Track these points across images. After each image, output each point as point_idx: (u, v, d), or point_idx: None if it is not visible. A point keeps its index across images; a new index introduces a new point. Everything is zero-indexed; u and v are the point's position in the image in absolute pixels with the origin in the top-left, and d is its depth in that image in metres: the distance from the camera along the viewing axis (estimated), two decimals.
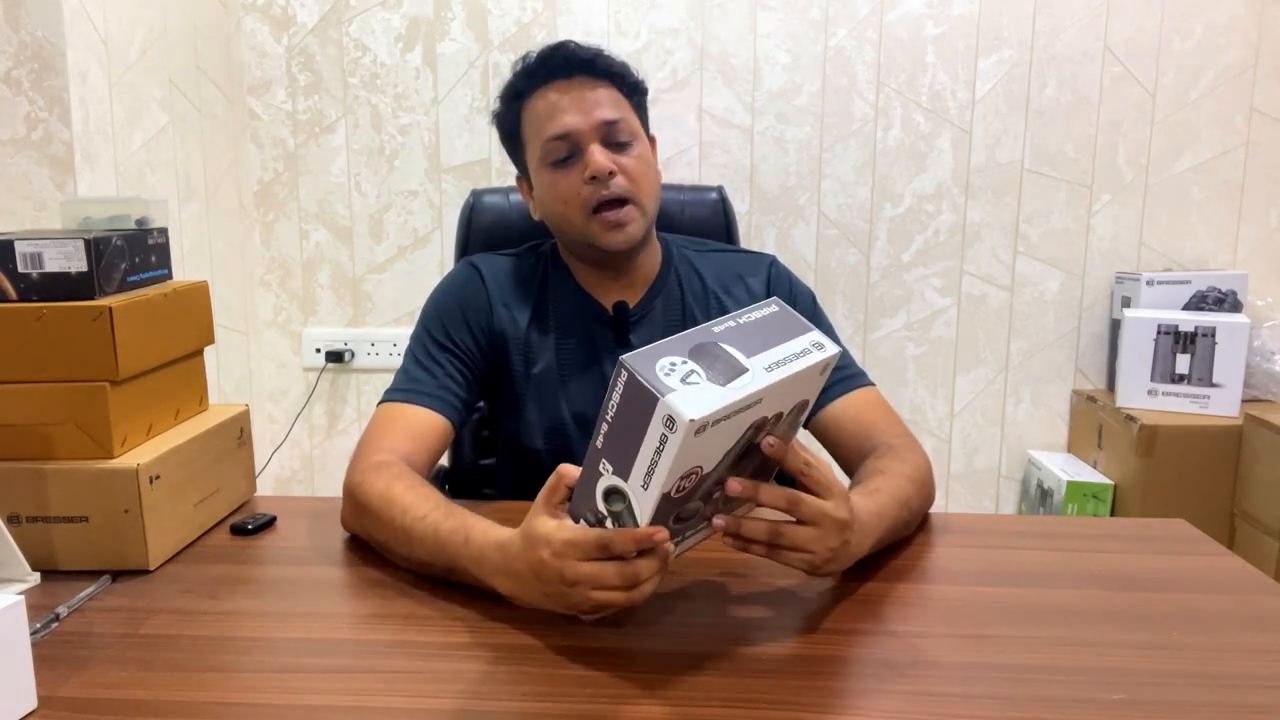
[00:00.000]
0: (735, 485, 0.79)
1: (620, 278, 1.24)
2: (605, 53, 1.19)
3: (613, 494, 0.77)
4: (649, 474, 0.74)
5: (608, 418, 0.75)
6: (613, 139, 1.16)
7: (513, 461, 1.27)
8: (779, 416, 0.81)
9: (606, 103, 1.17)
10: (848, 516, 0.85)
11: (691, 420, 0.70)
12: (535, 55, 1.19)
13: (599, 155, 1.14)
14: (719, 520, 0.81)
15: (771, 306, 0.84)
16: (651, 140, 1.24)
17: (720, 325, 0.80)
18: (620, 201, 1.15)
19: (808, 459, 0.84)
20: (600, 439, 0.76)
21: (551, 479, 0.83)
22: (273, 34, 2.27)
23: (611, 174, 1.14)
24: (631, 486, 0.75)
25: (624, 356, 0.73)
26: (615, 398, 0.74)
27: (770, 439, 0.81)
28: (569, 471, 0.82)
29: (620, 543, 0.77)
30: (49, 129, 1.67)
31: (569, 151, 1.16)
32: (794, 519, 0.83)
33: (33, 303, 0.96)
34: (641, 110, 1.23)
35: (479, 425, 1.50)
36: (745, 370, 0.76)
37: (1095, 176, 2.24)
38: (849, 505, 0.86)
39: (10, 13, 1.63)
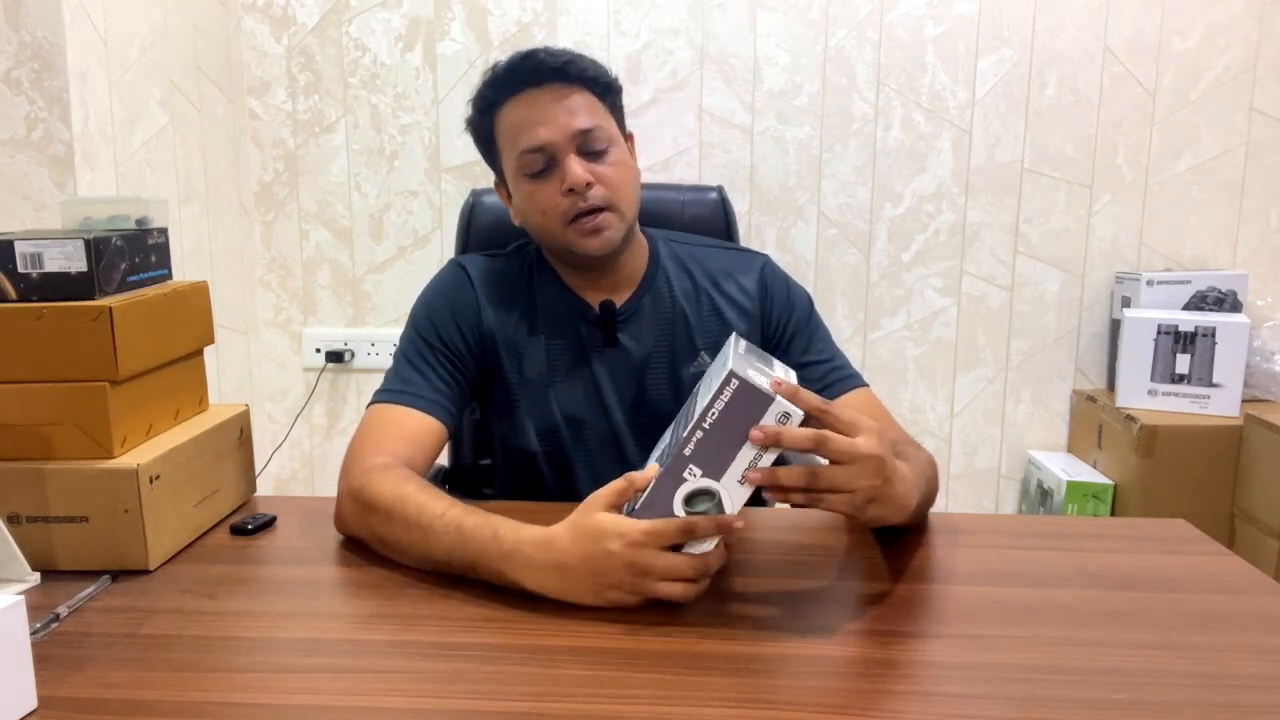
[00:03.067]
0: (755, 476, 0.82)
1: (605, 278, 1.24)
2: (577, 58, 1.17)
3: (698, 496, 0.84)
4: (750, 467, 0.82)
5: (705, 425, 0.81)
6: (588, 147, 1.15)
7: (509, 462, 1.27)
8: None
9: (580, 110, 1.15)
10: (881, 452, 0.84)
11: (804, 415, 0.81)
12: (504, 64, 1.17)
13: (576, 168, 1.13)
14: (754, 474, 0.82)
15: (739, 340, 0.93)
16: (629, 138, 1.23)
17: (740, 344, 0.91)
18: (597, 209, 1.15)
19: (823, 404, 0.84)
20: (690, 446, 0.82)
21: (619, 484, 0.87)
22: (273, 34, 2.27)
23: (589, 185, 1.14)
24: (726, 484, 0.82)
25: (730, 368, 0.80)
26: (720, 404, 0.80)
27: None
28: (639, 478, 0.86)
29: (704, 526, 0.83)
30: (49, 129, 1.67)
31: (545, 163, 1.15)
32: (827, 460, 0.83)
33: (33, 303, 0.96)
34: (617, 110, 1.22)
35: (478, 425, 1.50)
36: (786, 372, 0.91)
37: (1095, 176, 2.24)
38: (883, 442, 0.85)
39: (10, 13, 1.63)
